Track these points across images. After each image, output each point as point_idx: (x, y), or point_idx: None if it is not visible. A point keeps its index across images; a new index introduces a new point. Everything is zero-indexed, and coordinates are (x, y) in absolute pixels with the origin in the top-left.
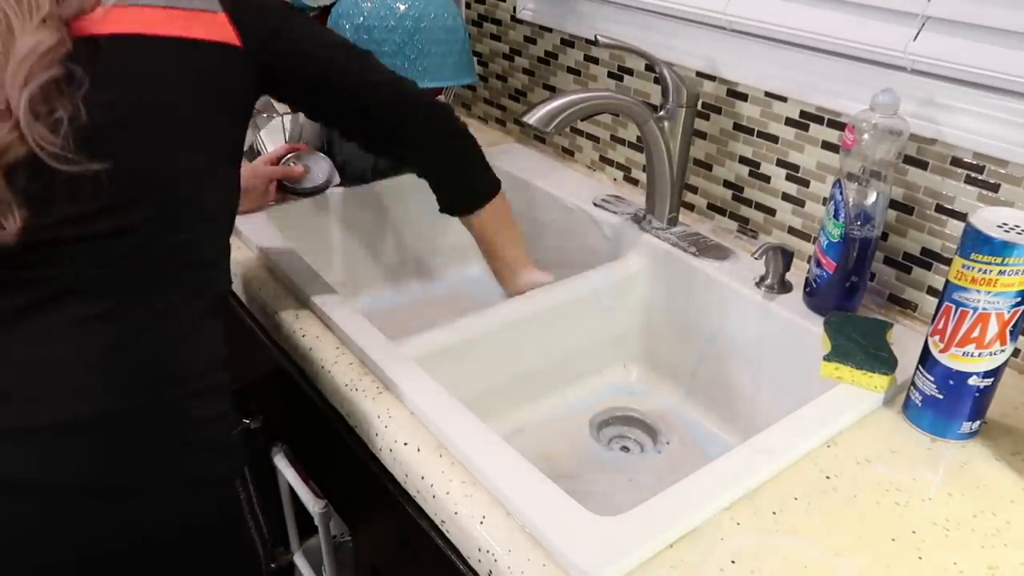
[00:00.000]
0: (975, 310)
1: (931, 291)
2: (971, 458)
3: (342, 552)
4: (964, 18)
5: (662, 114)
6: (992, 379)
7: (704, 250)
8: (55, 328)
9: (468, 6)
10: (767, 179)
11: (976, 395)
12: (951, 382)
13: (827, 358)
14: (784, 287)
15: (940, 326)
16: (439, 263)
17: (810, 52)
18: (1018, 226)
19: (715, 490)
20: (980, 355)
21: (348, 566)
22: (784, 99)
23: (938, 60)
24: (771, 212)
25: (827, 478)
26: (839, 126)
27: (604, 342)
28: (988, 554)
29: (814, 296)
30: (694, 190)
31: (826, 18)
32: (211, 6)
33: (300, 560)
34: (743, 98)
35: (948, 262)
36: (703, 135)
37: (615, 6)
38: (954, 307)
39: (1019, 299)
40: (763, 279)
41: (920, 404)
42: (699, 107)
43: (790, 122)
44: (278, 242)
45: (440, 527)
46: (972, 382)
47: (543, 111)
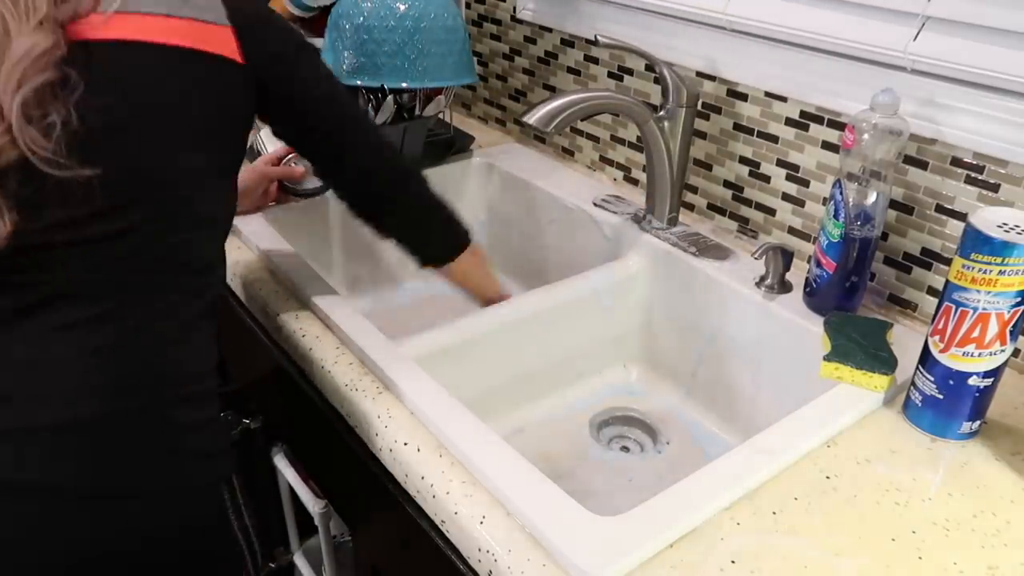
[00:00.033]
0: (975, 310)
1: (931, 291)
2: (971, 458)
3: (342, 552)
4: (964, 18)
5: (662, 114)
6: (992, 379)
7: (704, 250)
8: (46, 331)
9: (468, 6)
10: (767, 179)
11: (976, 395)
12: (951, 382)
13: (827, 358)
14: (784, 287)
15: (940, 326)
16: None
17: (810, 52)
18: (1018, 226)
19: (715, 490)
20: (980, 355)
21: (348, 566)
22: (784, 99)
23: (938, 60)
24: (771, 212)
25: (827, 478)
26: (839, 126)
27: (604, 342)
28: (988, 554)
29: (814, 296)
30: (694, 190)
31: (826, 18)
32: (218, 19)
33: (300, 560)
34: (743, 98)
35: (948, 262)
36: (703, 135)
37: (615, 6)
38: (954, 307)
39: (1019, 299)
40: (763, 279)
41: (920, 404)
42: (699, 107)
43: (790, 122)
44: (278, 242)
45: (440, 527)
46: (972, 382)
47: (543, 111)
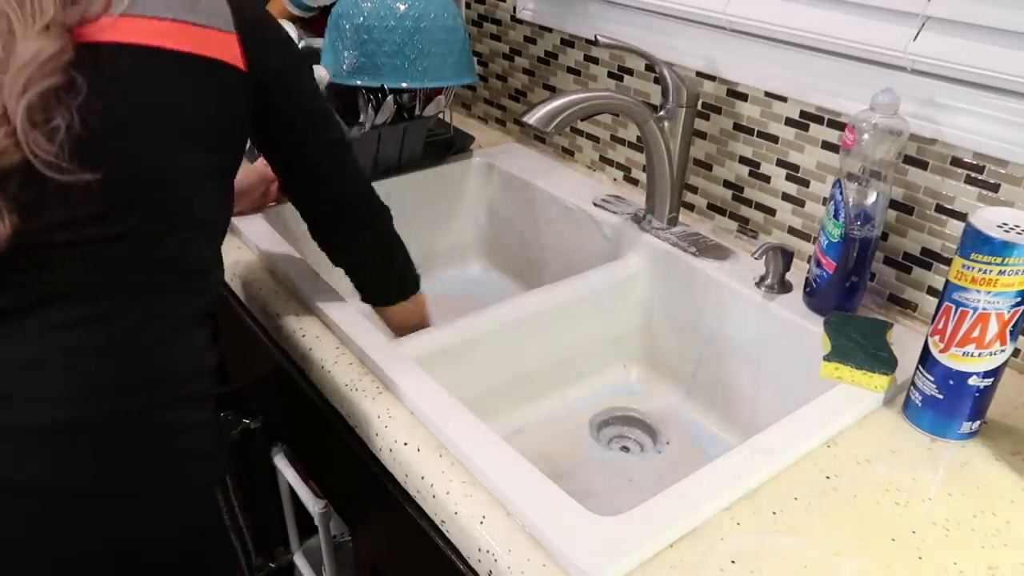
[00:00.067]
0: (975, 310)
1: (931, 291)
2: (971, 458)
3: (342, 552)
4: (964, 18)
5: (662, 114)
6: (992, 379)
7: (704, 250)
8: (44, 331)
9: (468, 6)
10: (767, 179)
11: (976, 395)
12: (951, 382)
13: (827, 358)
14: (784, 287)
15: (940, 326)
16: (439, 263)
17: (810, 52)
18: (1018, 226)
19: (715, 490)
20: (980, 355)
21: (348, 566)
22: (784, 99)
23: (938, 60)
24: (771, 212)
25: (827, 478)
26: (839, 126)
27: (604, 342)
28: (988, 554)
29: (814, 296)
30: (694, 190)
31: (826, 18)
32: (224, 26)
33: (300, 560)
34: (743, 98)
35: (948, 262)
36: (703, 135)
37: (615, 6)
38: (954, 307)
39: (1019, 299)
40: (763, 279)
41: (920, 404)
42: (699, 107)
43: (790, 122)
44: (278, 243)
45: (440, 527)
46: (972, 382)
47: (543, 111)
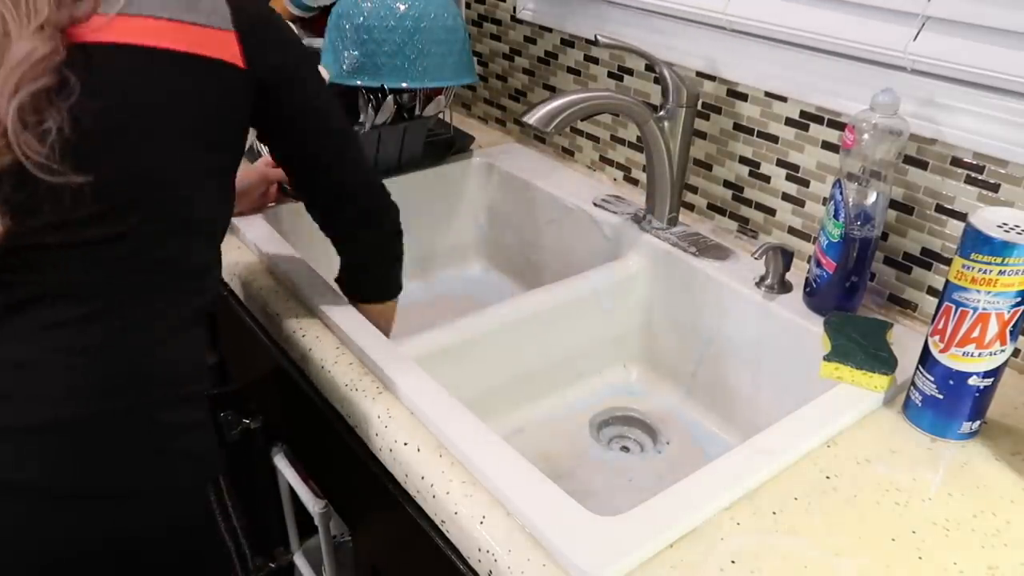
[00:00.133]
0: (975, 310)
1: (931, 291)
2: (971, 458)
3: (342, 552)
4: (964, 18)
5: (662, 114)
6: (992, 379)
7: (704, 250)
8: (35, 330)
9: (468, 6)
10: (767, 179)
11: (976, 395)
12: (951, 382)
13: (827, 358)
14: (784, 287)
15: (940, 326)
16: (439, 263)
17: (810, 52)
18: (1018, 226)
19: (715, 490)
20: (980, 355)
21: (348, 566)
22: (784, 99)
23: (938, 60)
24: (771, 212)
25: (827, 478)
26: (839, 126)
27: (604, 342)
28: (988, 554)
29: (814, 296)
30: (694, 190)
31: (826, 18)
32: (222, 24)
33: (300, 560)
34: (743, 98)
35: (948, 262)
36: (703, 135)
37: (615, 6)
38: (954, 307)
39: (1019, 299)
40: (763, 279)
41: (920, 404)
42: (699, 107)
43: (790, 122)
44: (278, 243)
45: (440, 527)
46: (972, 382)
47: (543, 111)
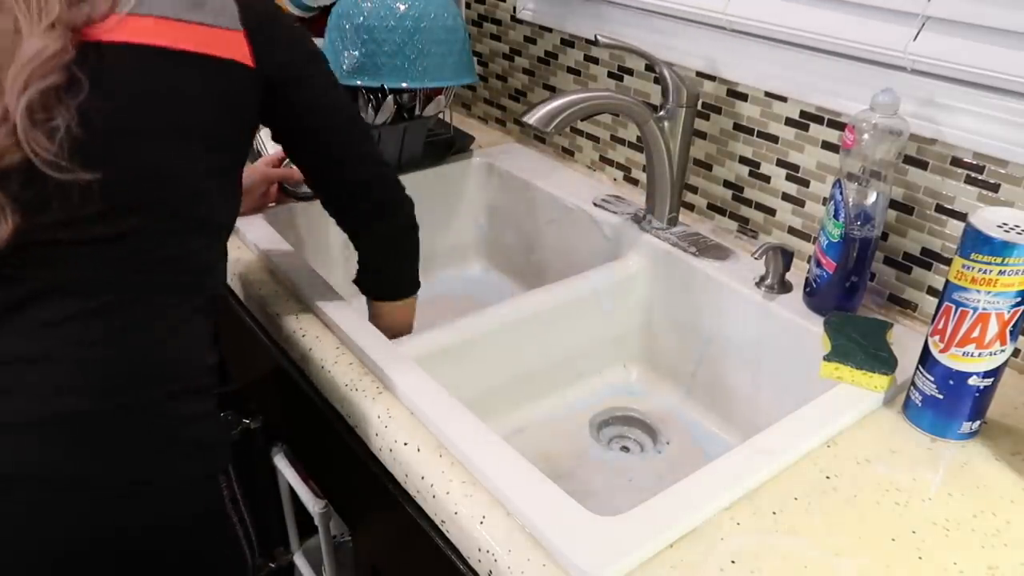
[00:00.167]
0: (975, 310)
1: (931, 291)
2: (971, 458)
3: (342, 552)
4: (964, 18)
5: (662, 114)
6: (992, 379)
7: (704, 250)
8: (37, 326)
9: (468, 6)
10: (767, 179)
11: (976, 395)
12: (951, 382)
13: (827, 358)
14: (784, 287)
15: (940, 326)
16: (439, 263)
17: (810, 52)
18: (1018, 226)
19: (715, 490)
20: (980, 355)
21: (348, 566)
22: (784, 99)
23: (938, 60)
24: (771, 212)
25: (827, 478)
26: (839, 126)
27: (604, 342)
28: (988, 554)
29: (814, 296)
30: (694, 190)
31: (826, 18)
32: (231, 24)
33: (300, 560)
34: (743, 98)
35: (948, 262)
36: (703, 135)
37: (615, 6)
38: (954, 307)
39: (1019, 299)
40: (763, 279)
41: (920, 404)
42: (699, 107)
43: (790, 122)
44: (278, 243)
45: (440, 527)
46: (972, 382)
47: (543, 111)
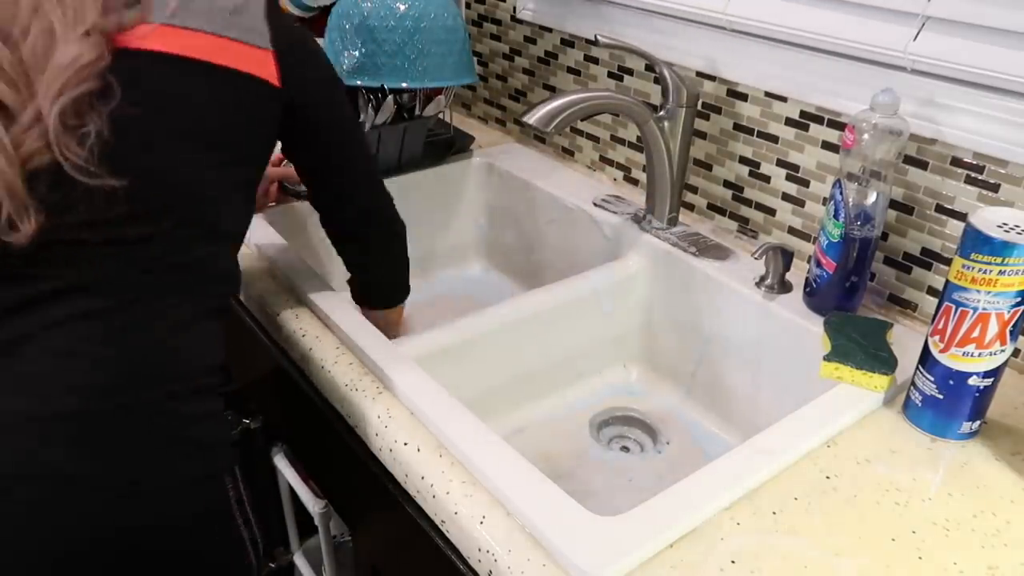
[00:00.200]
0: (975, 310)
1: (931, 291)
2: (971, 458)
3: (342, 552)
4: (964, 18)
5: (662, 114)
6: (992, 379)
7: (704, 250)
8: (49, 324)
9: (468, 6)
10: (767, 179)
11: (976, 395)
12: (951, 382)
13: (827, 358)
14: (784, 287)
15: (940, 326)
16: (439, 263)
17: (810, 52)
18: (1018, 226)
19: (715, 490)
20: (980, 355)
21: (348, 566)
22: (784, 99)
23: (938, 60)
24: (771, 212)
25: (827, 478)
26: (839, 126)
27: (604, 342)
28: (988, 554)
29: (814, 296)
30: (694, 190)
31: (826, 18)
32: (260, 42)
33: (300, 560)
34: (743, 98)
35: (948, 262)
36: (703, 135)
37: (615, 6)
38: (954, 307)
39: (1019, 299)
40: (763, 279)
41: (920, 404)
42: (699, 107)
43: (790, 122)
44: (278, 243)
45: (440, 527)
46: (972, 382)
47: (543, 111)
